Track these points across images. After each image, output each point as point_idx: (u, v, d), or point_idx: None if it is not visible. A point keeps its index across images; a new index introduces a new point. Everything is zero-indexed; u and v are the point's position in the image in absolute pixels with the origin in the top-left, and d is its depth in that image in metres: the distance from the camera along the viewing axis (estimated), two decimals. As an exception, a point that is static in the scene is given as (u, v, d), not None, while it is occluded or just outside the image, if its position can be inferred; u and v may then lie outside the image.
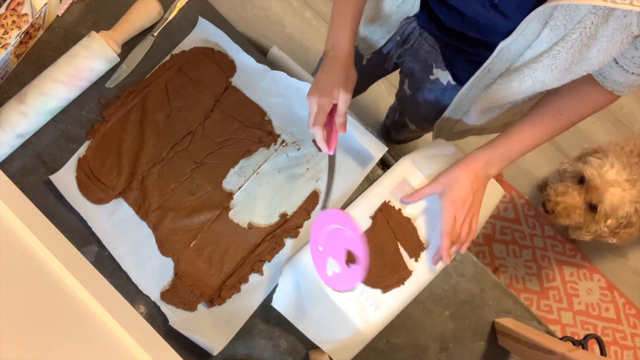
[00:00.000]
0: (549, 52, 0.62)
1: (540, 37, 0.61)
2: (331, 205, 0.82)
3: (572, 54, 0.60)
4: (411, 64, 0.89)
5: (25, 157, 0.80)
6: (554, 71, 0.64)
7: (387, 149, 0.82)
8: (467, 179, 0.75)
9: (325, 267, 0.71)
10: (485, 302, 0.82)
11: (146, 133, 0.82)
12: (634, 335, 1.68)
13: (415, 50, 0.85)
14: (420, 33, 0.82)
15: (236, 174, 0.82)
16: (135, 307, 0.75)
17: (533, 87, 0.69)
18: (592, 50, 0.59)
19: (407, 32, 0.84)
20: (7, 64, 0.79)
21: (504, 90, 0.72)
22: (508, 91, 0.72)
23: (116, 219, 0.79)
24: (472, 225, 0.76)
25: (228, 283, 0.78)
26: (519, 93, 0.72)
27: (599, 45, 0.58)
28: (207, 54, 0.86)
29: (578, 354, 0.66)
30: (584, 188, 1.32)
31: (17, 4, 0.75)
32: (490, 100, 0.77)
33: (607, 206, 1.28)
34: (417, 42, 0.84)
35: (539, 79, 0.66)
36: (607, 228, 1.34)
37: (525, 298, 1.67)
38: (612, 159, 1.29)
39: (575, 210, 1.34)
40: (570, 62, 0.62)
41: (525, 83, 0.68)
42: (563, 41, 0.59)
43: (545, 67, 0.63)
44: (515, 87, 0.70)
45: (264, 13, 1.75)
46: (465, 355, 0.81)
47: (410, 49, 0.86)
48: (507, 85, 0.71)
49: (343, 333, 0.76)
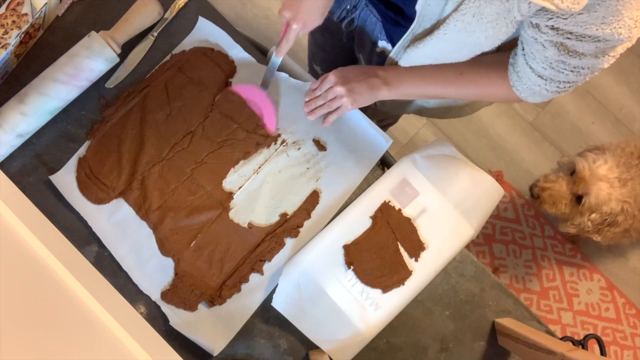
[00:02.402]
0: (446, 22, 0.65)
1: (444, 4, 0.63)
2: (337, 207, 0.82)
3: (460, 27, 0.63)
4: (361, 35, 0.91)
5: (25, 157, 0.80)
6: (447, 43, 0.67)
7: (391, 140, 0.83)
8: (360, 70, 0.78)
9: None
10: (485, 302, 0.82)
11: (146, 133, 0.82)
12: (634, 335, 1.68)
13: (363, 19, 0.87)
14: (366, 3, 0.84)
15: (236, 174, 0.82)
16: (135, 307, 0.75)
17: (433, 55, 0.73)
18: (479, 33, 0.63)
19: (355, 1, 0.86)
20: (7, 64, 0.79)
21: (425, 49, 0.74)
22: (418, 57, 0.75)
23: (116, 219, 0.79)
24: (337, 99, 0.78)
25: (228, 283, 0.78)
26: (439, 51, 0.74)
27: (486, 30, 0.62)
28: (207, 54, 0.86)
29: (578, 354, 0.66)
30: (573, 179, 1.32)
31: (17, 4, 0.75)
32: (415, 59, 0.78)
33: (592, 199, 1.28)
34: (364, 12, 0.86)
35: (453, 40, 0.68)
36: (591, 223, 1.33)
37: (525, 298, 1.67)
38: (609, 156, 1.29)
39: (561, 200, 1.34)
40: (460, 36, 0.65)
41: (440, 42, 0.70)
42: (456, 12, 0.62)
43: (453, 27, 0.66)
44: (421, 54, 0.73)
45: (264, 13, 1.75)
46: (465, 355, 0.81)
47: (358, 18, 0.88)
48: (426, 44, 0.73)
49: (343, 333, 0.76)
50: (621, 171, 1.28)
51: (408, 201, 0.81)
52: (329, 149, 0.84)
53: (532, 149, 1.77)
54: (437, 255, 0.79)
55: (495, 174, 1.73)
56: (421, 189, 0.81)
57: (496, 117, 1.78)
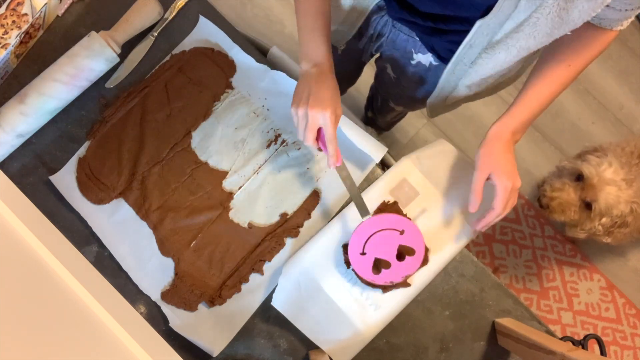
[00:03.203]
0: (529, 20, 0.62)
1: (518, 8, 0.61)
2: (337, 207, 0.82)
3: (551, 19, 0.60)
4: (390, 52, 0.89)
5: (25, 157, 0.80)
6: (536, 37, 0.64)
7: (387, 149, 0.82)
8: (507, 153, 0.75)
9: (369, 268, 0.75)
10: (485, 302, 0.82)
11: (146, 133, 0.82)
12: (634, 335, 1.68)
13: (392, 40, 0.86)
14: (394, 24, 0.82)
15: (236, 174, 0.82)
16: (135, 307, 0.76)
17: (519, 55, 0.70)
18: (573, 13, 0.60)
19: (380, 25, 0.84)
20: (7, 64, 0.79)
21: (491, 62, 0.73)
22: (496, 63, 0.72)
23: (116, 219, 0.79)
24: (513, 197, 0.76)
25: (228, 283, 0.78)
26: (506, 63, 0.72)
27: (579, 6, 0.59)
28: (207, 54, 0.86)
29: (578, 354, 0.66)
30: (580, 185, 1.32)
31: (17, 4, 0.75)
32: (479, 74, 0.77)
33: (602, 204, 1.28)
34: (392, 33, 0.84)
35: (523, 47, 0.67)
36: (602, 227, 1.33)
37: (525, 298, 1.67)
38: (611, 158, 1.29)
39: (570, 207, 1.34)
40: (551, 27, 0.62)
41: (511, 53, 0.69)
42: (541, 7, 0.60)
43: (528, 35, 0.64)
44: (502, 58, 0.71)
45: (264, 13, 1.75)
46: (465, 355, 0.81)
47: (386, 40, 0.87)
48: (493, 58, 0.71)
49: (343, 333, 0.76)
50: (625, 172, 1.28)
51: (408, 201, 0.81)
52: (329, 149, 0.84)
53: (532, 149, 1.77)
54: (437, 255, 0.79)
55: (495, 174, 1.73)
56: (421, 189, 0.81)
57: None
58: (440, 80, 0.81)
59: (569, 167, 1.37)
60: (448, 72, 0.77)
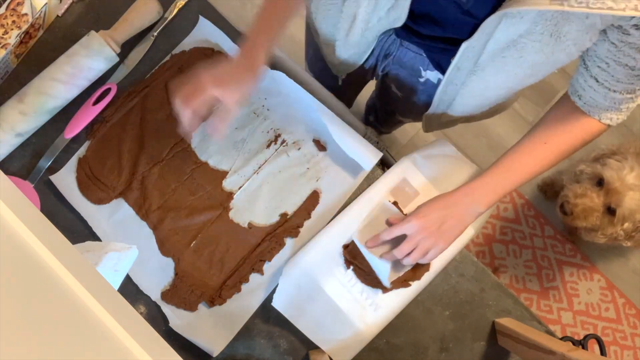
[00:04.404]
0: (516, 45, 0.62)
1: (498, 29, 0.61)
2: (337, 207, 0.82)
3: (538, 47, 0.60)
4: (396, 71, 0.88)
5: (25, 157, 0.80)
6: (522, 65, 0.64)
7: (381, 155, 0.81)
8: (441, 205, 0.72)
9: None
10: (485, 302, 0.82)
11: (146, 133, 0.82)
12: (634, 335, 1.68)
13: (399, 58, 0.84)
14: (402, 43, 0.81)
15: (236, 174, 0.82)
16: (135, 307, 0.76)
17: (509, 81, 0.69)
18: (560, 53, 0.60)
19: (388, 44, 0.83)
20: (7, 64, 0.79)
21: (481, 84, 0.72)
22: (486, 85, 0.72)
23: (116, 219, 0.79)
24: (427, 256, 0.72)
25: (229, 283, 0.78)
26: (496, 87, 0.72)
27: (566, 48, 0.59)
28: (207, 54, 0.86)
29: (578, 354, 0.66)
30: (602, 191, 1.30)
31: (17, 4, 0.75)
32: (471, 94, 0.76)
33: (625, 210, 1.27)
34: (400, 52, 0.83)
35: (511, 73, 0.67)
36: (623, 231, 1.32)
37: (525, 298, 1.67)
38: (632, 162, 1.27)
39: (593, 213, 1.32)
40: (539, 57, 0.62)
41: (499, 77, 0.68)
42: (529, 34, 0.59)
43: (515, 59, 0.64)
44: (492, 81, 0.70)
45: (264, 13, 1.75)
46: (465, 355, 0.81)
47: (393, 60, 0.85)
48: (483, 80, 0.71)
49: (343, 333, 0.76)
50: None
51: (408, 201, 0.81)
52: (329, 149, 0.84)
53: (532, 149, 1.76)
54: (437, 256, 0.79)
55: (495, 174, 1.72)
56: (421, 189, 0.81)
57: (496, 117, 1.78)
58: (434, 99, 0.80)
59: (588, 171, 1.35)
60: (440, 92, 0.77)
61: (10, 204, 0.35)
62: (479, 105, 0.81)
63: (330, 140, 0.83)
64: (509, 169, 0.72)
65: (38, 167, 0.79)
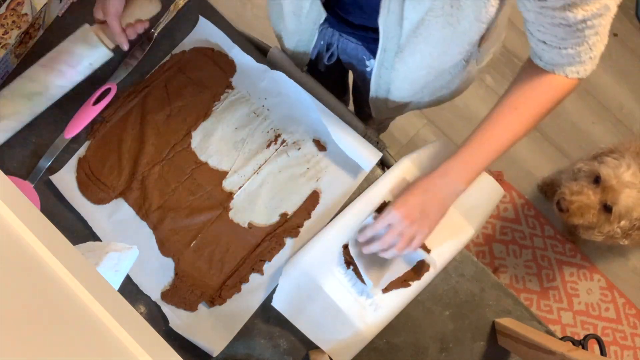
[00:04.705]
0: (423, 23, 0.62)
1: (405, 9, 0.61)
2: (337, 207, 0.82)
3: (441, 23, 0.61)
4: (346, 60, 0.90)
5: (25, 157, 0.80)
6: (431, 42, 0.64)
7: (381, 155, 0.81)
8: (418, 189, 0.71)
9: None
10: (485, 302, 0.82)
11: (146, 133, 0.82)
12: (634, 335, 1.68)
13: (343, 49, 0.86)
14: (340, 34, 0.83)
15: (236, 174, 0.82)
16: (135, 307, 0.76)
17: (425, 61, 0.69)
18: (463, 21, 0.60)
19: (328, 35, 0.84)
20: (7, 64, 0.79)
21: (404, 66, 0.72)
22: (410, 66, 0.72)
23: (116, 219, 0.79)
24: (413, 243, 0.71)
25: (228, 283, 0.78)
26: (419, 67, 0.71)
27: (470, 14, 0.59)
28: (207, 54, 0.86)
29: (578, 354, 0.66)
30: (599, 188, 1.31)
31: (17, 4, 0.75)
32: (401, 78, 0.76)
33: (621, 207, 1.26)
34: (341, 42, 0.85)
35: (425, 53, 0.67)
36: (620, 229, 1.32)
37: (525, 298, 1.67)
38: (629, 160, 1.27)
39: (589, 210, 1.32)
40: (443, 33, 0.62)
41: (415, 57, 0.68)
42: (431, 10, 0.60)
43: (425, 38, 0.64)
44: (411, 62, 0.70)
45: (264, 13, 1.75)
46: (465, 355, 0.81)
47: (337, 50, 0.87)
48: (405, 62, 0.71)
49: (343, 333, 0.76)
50: None
51: (408, 201, 0.81)
52: (329, 149, 0.84)
53: (532, 149, 1.77)
54: (437, 256, 0.79)
55: (495, 174, 1.73)
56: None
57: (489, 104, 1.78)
58: (371, 83, 0.81)
59: (585, 169, 1.35)
60: (375, 75, 0.78)
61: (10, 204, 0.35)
62: (414, 89, 0.81)
63: (330, 140, 0.83)
64: (482, 143, 0.70)
65: (38, 167, 0.79)
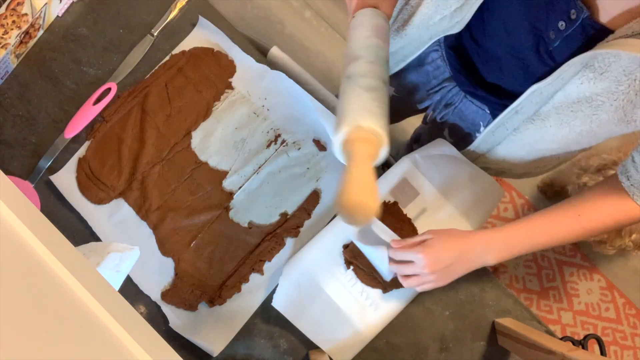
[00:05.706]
0: (591, 101, 0.59)
1: (572, 81, 0.59)
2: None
3: (616, 107, 0.58)
4: (454, 121, 0.85)
5: (25, 157, 0.80)
6: (593, 122, 0.61)
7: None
8: (455, 248, 0.69)
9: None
10: (485, 302, 0.82)
11: (146, 133, 0.82)
12: (634, 335, 1.68)
13: (460, 111, 0.82)
14: (465, 95, 0.79)
15: (236, 174, 0.82)
16: (135, 307, 0.76)
17: (569, 136, 0.66)
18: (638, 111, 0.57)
19: (451, 94, 0.81)
20: (7, 64, 0.79)
21: (537, 134, 0.68)
22: (542, 136, 0.69)
23: (116, 219, 0.79)
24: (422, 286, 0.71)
25: (228, 283, 0.78)
26: (552, 140, 0.68)
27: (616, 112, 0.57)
28: (207, 54, 0.86)
29: (578, 354, 0.66)
30: None
31: (17, 4, 0.75)
32: (520, 142, 0.73)
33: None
34: (462, 104, 0.81)
35: (576, 128, 0.63)
36: (632, 242, 1.32)
37: (525, 298, 1.67)
38: None
39: None
40: (613, 116, 0.59)
41: (562, 130, 0.65)
42: (609, 92, 0.57)
43: (586, 116, 0.61)
44: (551, 133, 0.67)
45: (264, 13, 1.75)
46: (465, 355, 0.81)
47: (454, 110, 0.83)
48: (540, 130, 0.67)
49: (343, 333, 0.76)
50: None
51: (408, 201, 0.81)
52: (329, 149, 0.84)
53: (532, 149, 1.76)
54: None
55: (495, 174, 1.73)
56: (421, 189, 0.81)
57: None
58: (478, 138, 0.78)
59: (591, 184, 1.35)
60: (488, 132, 0.75)
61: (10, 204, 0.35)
62: (523, 157, 0.77)
63: (330, 140, 0.83)
64: (533, 232, 0.69)
65: (38, 167, 0.79)
